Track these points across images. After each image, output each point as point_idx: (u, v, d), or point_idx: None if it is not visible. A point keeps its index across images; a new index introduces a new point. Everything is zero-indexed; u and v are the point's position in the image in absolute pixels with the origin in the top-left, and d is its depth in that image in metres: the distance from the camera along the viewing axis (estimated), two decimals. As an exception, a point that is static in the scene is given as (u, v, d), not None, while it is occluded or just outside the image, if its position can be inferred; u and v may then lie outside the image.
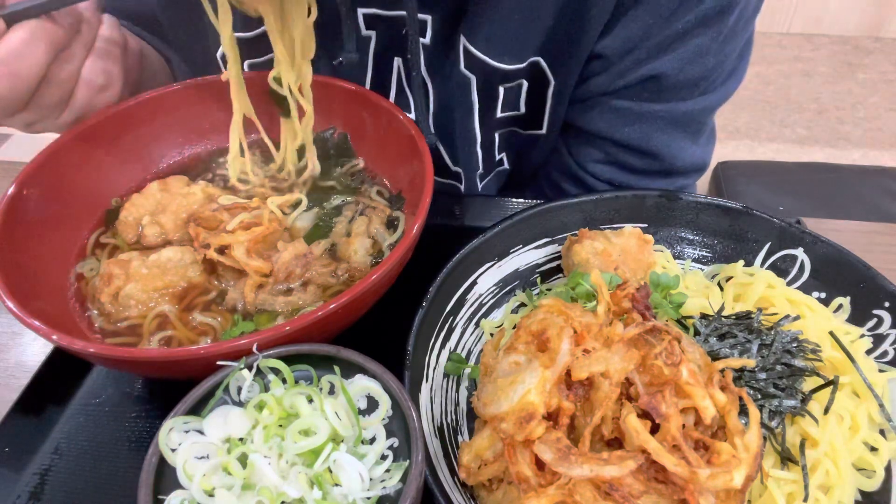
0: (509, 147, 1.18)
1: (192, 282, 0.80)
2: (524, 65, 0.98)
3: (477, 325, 0.84)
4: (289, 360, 0.61)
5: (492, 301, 0.86)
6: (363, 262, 0.83)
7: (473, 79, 0.99)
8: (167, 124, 0.96)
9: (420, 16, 0.94)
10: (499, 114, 1.07)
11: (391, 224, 0.88)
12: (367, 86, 1.05)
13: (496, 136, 1.13)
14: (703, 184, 2.55)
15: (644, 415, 0.57)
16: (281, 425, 0.57)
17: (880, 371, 0.74)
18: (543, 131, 1.11)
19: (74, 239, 0.85)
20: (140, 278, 0.78)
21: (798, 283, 0.84)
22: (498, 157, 1.19)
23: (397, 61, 1.03)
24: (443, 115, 1.07)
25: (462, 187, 1.20)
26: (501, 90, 1.02)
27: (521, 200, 1.06)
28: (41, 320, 0.64)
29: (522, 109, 1.07)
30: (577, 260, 0.81)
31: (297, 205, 0.91)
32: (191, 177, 0.94)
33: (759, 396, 0.68)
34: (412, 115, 1.04)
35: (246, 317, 0.77)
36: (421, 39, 0.96)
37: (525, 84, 1.02)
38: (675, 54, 0.93)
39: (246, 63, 1.02)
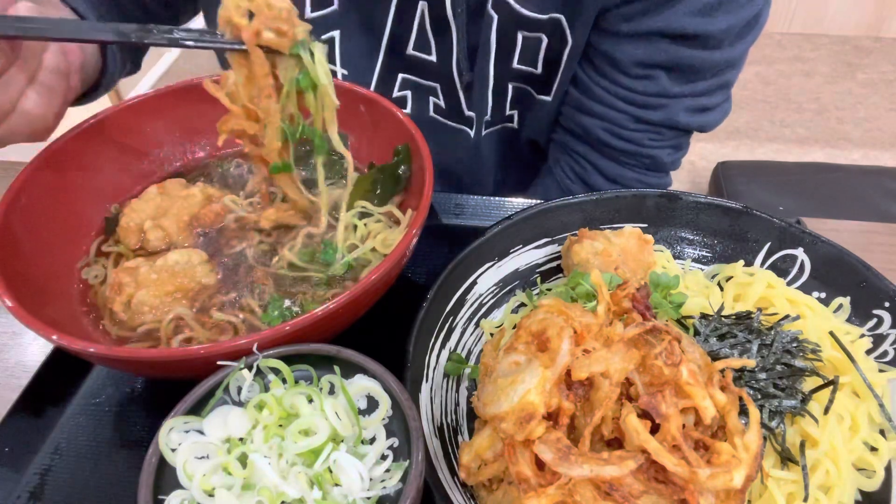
0: (522, 106, 1.21)
1: (201, 283, 0.80)
2: (545, 17, 1.02)
3: (477, 325, 0.84)
4: (289, 360, 0.61)
5: (492, 301, 0.86)
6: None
7: (496, 18, 1.03)
8: (163, 126, 0.96)
9: None
10: (515, 63, 1.11)
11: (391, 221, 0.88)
12: (388, 28, 1.08)
13: (510, 87, 1.16)
14: (703, 184, 2.55)
15: (644, 415, 0.57)
16: (281, 425, 0.57)
17: (880, 371, 0.74)
18: (550, 98, 1.15)
19: (76, 242, 0.85)
20: (150, 284, 0.78)
21: (798, 283, 0.84)
22: (509, 112, 1.22)
23: (422, 5, 1.04)
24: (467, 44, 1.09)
25: (472, 133, 1.22)
26: (520, 37, 1.06)
27: (521, 200, 1.06)
28: (45, 323, 0.64)
29: (539, 69, 1.11)
30: (577, 260, 0.81)
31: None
32: (188, 179, 0.94)
33: (759, 396, 0.68)
34: (433, 57, 1.10)
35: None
36: None
37: (545, 40, 1.06)
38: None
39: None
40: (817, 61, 3.98)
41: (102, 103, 1.01)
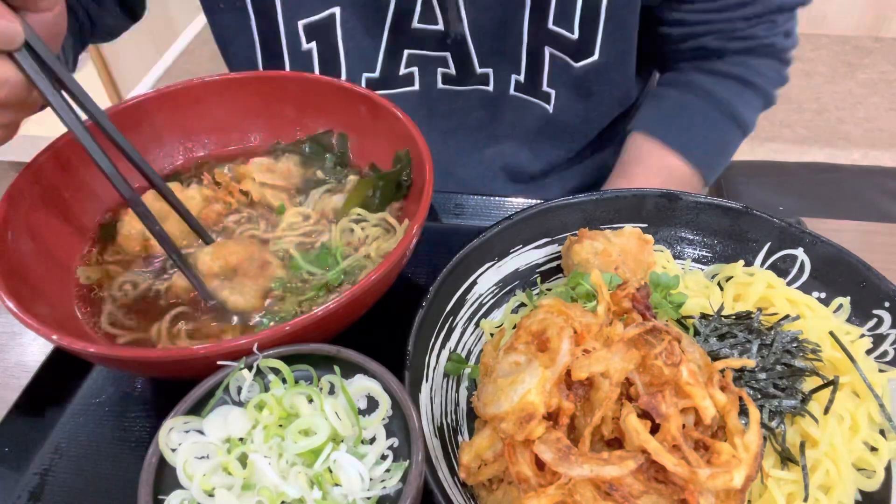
0: (561, 83, 1.14)
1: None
2: None
3: (477, 325, 0.84)
4: (289, 360, 0.61)
5: (492, 301, 0.86)
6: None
7: None
8: (163, 126, 0.95)
9: None
10: (550, 24, 1.06)
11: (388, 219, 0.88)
12: (392, 4, 1.05)
13: (546, 53, 1.10)
14: (703, 184, 2.56)
15: (644, 415, 0.57)
16: (281, 425, 0.57)
17: (880, 371, 0.74)
18: (595, 56, 1.09)
19: (76, 242, 0.85)
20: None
21: (798, 283, 0.84)
22: (545, 89, 1.16)
23: None
24: (484, 3, 1.05)
25: (491, 89, 1.17)
26: None
27: (522, 200, 1.06)
28: (45, 323, 0.63)
29: (575, 33, 1.06)
30: (577, 260, 0.81)
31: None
32: (185, 179, 0.94)
33: (759, 396, 0.68)
34: (440, 26, 1.06)
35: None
36: None
37: None
38: None
39: (301, 23, 1.07)
40: (817, 61, 3.98)
41: (104, 102, 1.02)
